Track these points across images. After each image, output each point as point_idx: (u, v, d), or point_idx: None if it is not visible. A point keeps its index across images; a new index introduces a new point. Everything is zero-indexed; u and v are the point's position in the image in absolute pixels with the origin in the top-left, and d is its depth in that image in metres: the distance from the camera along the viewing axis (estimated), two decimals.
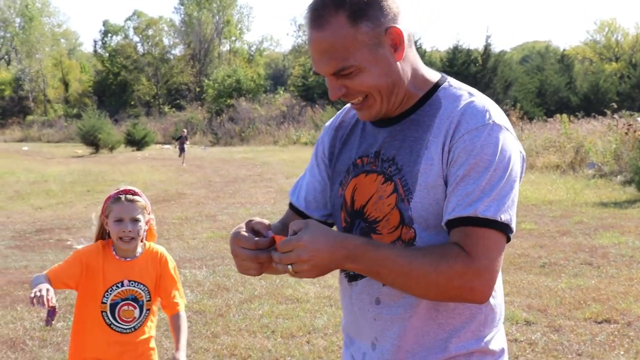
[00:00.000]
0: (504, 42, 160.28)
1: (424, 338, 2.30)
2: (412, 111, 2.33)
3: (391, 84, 2.26)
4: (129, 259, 4.13)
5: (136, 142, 49.36)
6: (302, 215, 2.59)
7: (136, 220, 4.02)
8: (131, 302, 4.00)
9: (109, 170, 32.08)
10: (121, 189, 4.15)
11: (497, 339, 2.37)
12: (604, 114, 30.20)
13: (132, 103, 78.82)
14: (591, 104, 42.90)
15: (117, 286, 3.98)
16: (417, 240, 2.25)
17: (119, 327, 3.97)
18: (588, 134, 26.82)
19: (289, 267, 2.08)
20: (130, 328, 4.00)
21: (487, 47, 54.57)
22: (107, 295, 3.93)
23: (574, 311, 8.08)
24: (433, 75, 2.38)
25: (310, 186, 2.61)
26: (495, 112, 2.24)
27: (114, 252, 4.12)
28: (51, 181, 27.02)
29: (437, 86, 2.35)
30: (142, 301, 4.06)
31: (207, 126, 60.73)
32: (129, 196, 4.05)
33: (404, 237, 2.28)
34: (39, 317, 8.38)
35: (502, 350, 2.39)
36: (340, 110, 2.64)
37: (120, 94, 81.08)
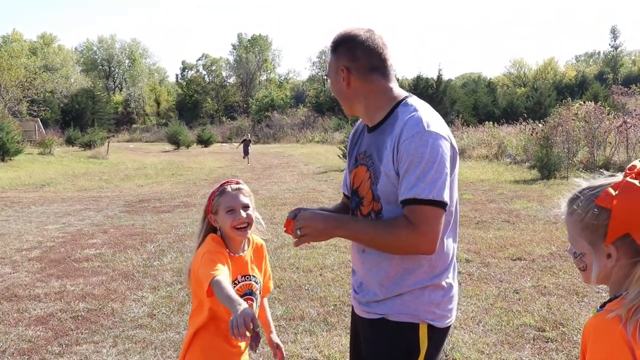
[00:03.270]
0: (451, 73, 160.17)
1: (392, 275, 2.32)
2: (382, 122, 2.37)
3: (347, 99, 2.44)
4: (238, 254, 2.90)
5: (204, 141, 49.37)
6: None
7: (246, 207, 2.88)
8: (250, 297, 2.88)
9: (186, 160, 32.11)
10: (223, 181, 2.99)
11: (447, 277, 2.36)
12: (517, 122, 30.08)
13: (201, 115, 78.65)
14: (508, 115, 42.63)
15: (235, 283, 2.79)
16: (383, 211, 2.31)
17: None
18: (506, 135, 26.72)
19: (298, 231, 2.26)
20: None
21: (439, 77, 54.23)
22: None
23: (497, 253, 8.07)
24: (399, 95, 2.39)
25: (348, 179, 2.64)
26: (428, 122, 2.23)
27: (227, 249, 2.84)
28: (148, 168, 27.09)
29: (399, 103, 2.36)
30: (257, 294, 2.93)
31: (252, 130, 60.64)
32: (234, 186, 2.94)
33: (375, 209, 2.35)
34: (142, 258, 8.41)
35: (450, 285, 2.38)
36: (357, 122, 2.68)
37: (194, 109, 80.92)
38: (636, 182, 1.50)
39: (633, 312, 1.43)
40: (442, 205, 2.15)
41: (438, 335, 2.35)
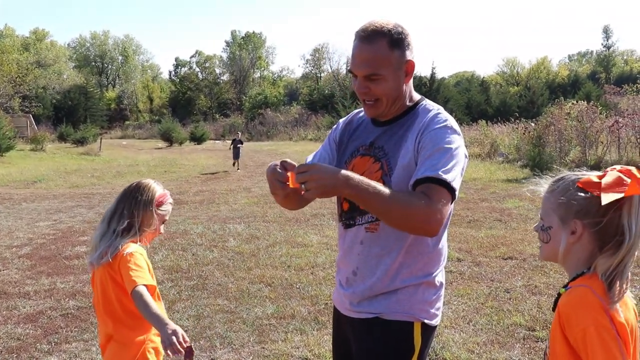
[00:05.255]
0: (444, 71, 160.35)
1: (389, 270, 2.29)
2: (400, 117, 2.36)
3: (396, 96, 2.31)
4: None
5: (197, 139, 49.19)
6: None
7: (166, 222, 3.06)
8: None
9: (179, 157, 32.02)
10: (166, 192, 3.07)
11: (440, 276, 2.38)
12: (509, 121, 30.14)
13: (195, 112, 78.39)
14: (501, 114, 42.67)
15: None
16: None
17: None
18: (499, 133, 26.80)
19: (302, 185, 2.03)
20: None
21: (432, 75, 54.37)
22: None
23: (489, 252, 8.09)
24: (417, 96, 2.42)
25: (322, 157, 2.57)
26: (452, 122, 2.29)
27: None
28: (141, 165, 27.02)
29: (418, 103, 2.39)
30: None
31: (245, 128, 60.51)
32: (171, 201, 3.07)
33: None
34: None
35: (441, 284, 2.39)
36: (350, 113, 2.65)
37: (187, 106, 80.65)
38: (619, 174, 1.71)
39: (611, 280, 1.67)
40: (454, 196, 2.14)
41: (430, 333, 2.36)
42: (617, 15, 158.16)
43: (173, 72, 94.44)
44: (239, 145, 24.26)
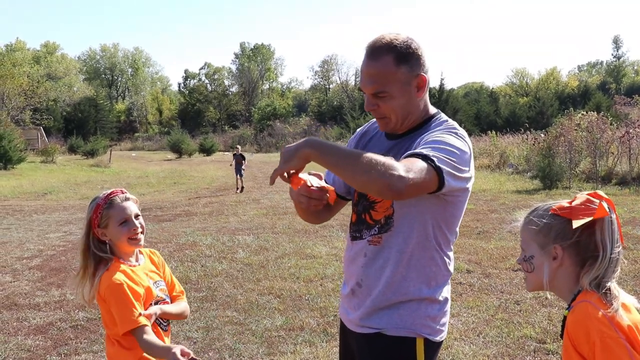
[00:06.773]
0: (453, 82, 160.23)
1: (391, 281, 2.27)
2: (413, 130, 2.34)
3: (407, 112, 2.28)
4: (140, 263, 2.87)
5: (206, 150, 49.48)
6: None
7: (137, 215, 2.81)
8: (166, 300, 2.90)
9: (188, 169, 32.15)
10: (107, 192, 2.81)
11: (444, 292, 2.34)
12: (519, 131, 30.10)
13: (204, 124, 78.79)
14: (510, 125, 42.67)
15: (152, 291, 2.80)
16: (394, 215, 2.25)
17: (165, 325, 2.92)
18: (508, 144, 26.77)
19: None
20: (167, 322, 2.97)
21: (441, 86, 54.34)
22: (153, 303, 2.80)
23: (499, 263, 8.05)
24: (432, 110, 2.39)
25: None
26: (461, 131, 2.28)
27: (130, 262, 2.80)
28: (150, 176, 27.14)
29: (433, 117, 2.37)
30: (168, 295, 2.94)
31: (254, 139, 60.77)
32: (121, 196, 2.80)
33: (388, 213, 2.27)
34: None
35: (446, 300, 2.35)
36: (367, 122, 2.63)
37: (196, 118, 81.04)
38: (587, 196, 1.85)
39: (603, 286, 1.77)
40: (440, 175, 2.03)
41: (434, 349, 2.33)
42: (627, 26, 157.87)
43: (182, 84, 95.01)
44: (242, 161, 20.73)
